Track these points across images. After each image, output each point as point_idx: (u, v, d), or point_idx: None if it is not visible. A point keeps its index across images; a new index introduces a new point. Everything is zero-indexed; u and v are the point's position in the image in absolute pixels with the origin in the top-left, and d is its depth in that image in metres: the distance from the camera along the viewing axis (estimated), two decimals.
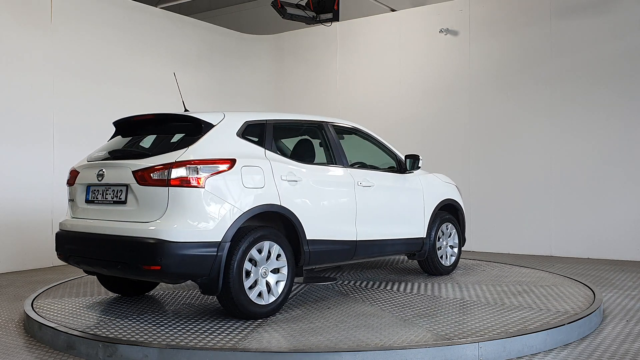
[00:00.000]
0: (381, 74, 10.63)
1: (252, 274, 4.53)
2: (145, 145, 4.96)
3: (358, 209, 5.45)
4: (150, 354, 3.81)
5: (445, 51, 9.97)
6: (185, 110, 5.23)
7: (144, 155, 4.60)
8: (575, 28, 8.80)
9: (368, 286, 5.92)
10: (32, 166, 8.04)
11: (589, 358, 3.91)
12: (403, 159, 6.15)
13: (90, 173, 4.83)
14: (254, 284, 4.54)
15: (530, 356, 3.97)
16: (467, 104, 9.74)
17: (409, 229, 6.11)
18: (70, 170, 5.17)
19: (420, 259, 6.39)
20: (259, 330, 4.26)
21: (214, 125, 4.71)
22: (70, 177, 5.10)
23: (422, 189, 6.30)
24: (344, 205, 5.35)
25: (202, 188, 4.31)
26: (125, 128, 5.25)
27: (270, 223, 4.82)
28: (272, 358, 3.68)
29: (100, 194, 4.74)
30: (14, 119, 7.90)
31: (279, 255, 4.71)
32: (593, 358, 3.90)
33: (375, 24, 10.83)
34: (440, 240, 6.52)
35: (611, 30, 8.54)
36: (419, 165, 6.17)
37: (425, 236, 6.27)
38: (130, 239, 4.35)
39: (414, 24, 10.36)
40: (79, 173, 5.01)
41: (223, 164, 4.46)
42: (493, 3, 9.57)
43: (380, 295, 5.45)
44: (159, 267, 4.19)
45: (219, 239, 4.33)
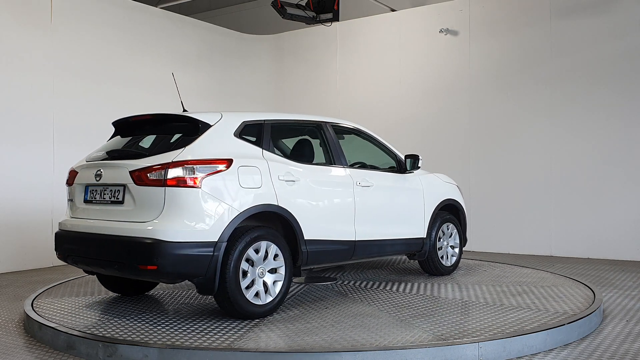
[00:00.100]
0: (381, 74, 10.63)
1: (249, 274, 4.53)
2: (143, 145, 4.97)
3: (357, 209, 5.44)
4: (150, 354, 3.81)
5: (445, 51, 9.97)
6: (184, 110, 5.23)
7: (141, 155, 4.61)
8: (575, 28, 8.80)
9: (367, 286, 5.92)
10: (32, 166, 8.04)
11: (589, 358, 3.91)
12: (403, 159, 6.13)
13: (89, 173, 4.84)
14: (251, 284, 4.54)
15: (530, 356, 3.97)
16: (467, 104, 9.73)
17: (409, 229, 6.10)
18: (69, 171, 5.18)
19: (420, 259, 6.37)
20: (255, 330, 4.25)
21: (211, 126, 4.71)
22: (69, 177, 5.12)
23: (423, 189, 6.28)
24: (342, 205, 5.34)
25: (199, 188, 4.31)
26: (124, 128, 5.26)
27: (268, 223, 4.82)
28: (273, 358, 3.68)
29: (98, 193, 4.75)
30: (14, 119, 7.90)
31: (276, 255, 4.70)
32: (593, 358, 3.90)
33: (375, 24, 10.82)
34: (441, 240, 6.50)
35: (611, 30, 8.54)
36: (419, 165, 6.16)
37: (425, 236, 6.25)
38: (127, 238, 4.36)
39: (414, 24, 10.35)
40: (77, 173, 5.03)
41: (220, 164, 4.46)
42: (493, 3, 9.57)
43: (379, 296, 5.44)
44: (156, 267, 4.20)
45: (216, 239, 4.33)
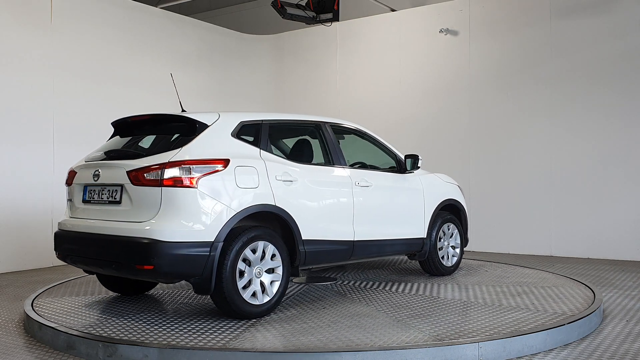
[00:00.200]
0: (381, 74, 10.63)
1: (246, 274, 4.53)
2: (142, 145, 4.98)
3: (355, 209, 5.43)
4: (150, 354, 3.81)
5: (445, 51, 9.96)
6: (183, 110, 5.23)
7: (138, 155, 4.62)
8: (575, 28, 8.80)
9: (367, 286, 5.91)
10: (32, 166, 8.04)
11: (589, 358, 3.90)
12: (403, 159, 6.12)
13: (87, 173, 4.85)
14: (248, 284, 4.54)
15: (530, 356, 3.96)
16: (467, 104, 9.73)
17: (409, 229, 6.08)
18: (68, 171, 5.18)
19: (420, 259, 6.35)
20: (252, 329, 4.26)
21: (208, 126, 4.72)
22: (69, 177, 5.13)
23: (423, 189, 6.27)
24: (340, 205, 5.33)
25: (195, 188, 4.32)
26: (123, 128, 5.26)
27: (265, 223, 4.81)
28: (273, 358, 3.68)
29: (96, 194, 4.76)
30: (14, 119, 7.90)
31: (273, 255, 4.70)
32: (593, 358, 3.90)
33: (375, 24, 10.82)
34: (442, 240, 6.48)
35: (611, 30, 8.53)
36: (419, 165, 6.15)
37: (425, 236, 6.23)
38: (124, 238, 4.37)
39: (414, 24, 10.35)
40: (76, 173, 5.04)
41: (216, 164, 4.46)
42: (493, 3, 9.57)
43: (377, 296, 5.44)
44: (152, 267, 4.21)
45: (212, 239, 4.33)
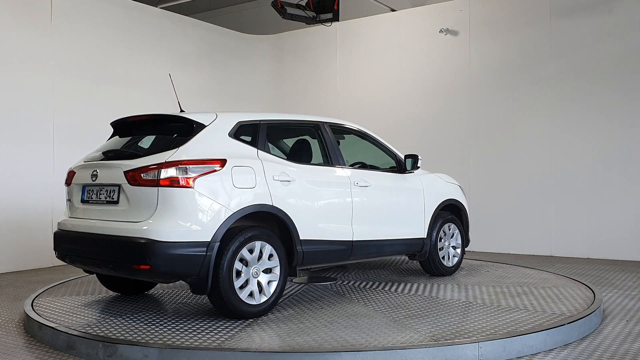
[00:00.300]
0: (381, 74, 10.63)
1: (243, 274, 4.53)
2: (141, 145, 4.98)
3: (354, 209, 5.42)
4: (150, 354, 3.81)
5: (445, 51, 9.96)
6: (181, 110, 5.23)
7: (135, 155, 4.63)
8: (575, 28, 8.80)
9: (366, 286, 5.91)
10: (32, 166, 8.04)
11: (589, 358, 3.90)
12: (403, 159, 6.11)
13: (85, 173, 4.87)
14: (245, 284, 4.54)
15: (530, 356, 3.96)
16: (467, 104, 9.73)
17: (409, 229, 6.07)
18: (68, 171, 5.20)
19: (420, 259, 6.33)
20: (248, 329, 4.26)
21: (205, 126, 4.72)
22: (68, 177, 5.14)
23: (423, 189, 6.25)
24: (339, 205, 5.33)
25: (192, 188, 4.32)
26: (122, 129, 5.27)
27: (263, 223, 4.81)
28: (272, 358, 3.68)
29: (94, 193, 4.77)
30: (14, 119, 7.90)
31: (271, 255, 4.70)
32: (593, 358, 3.90)
33: (375, 24, 10.82)
34: (442, 240, 6.46)
35: (611, 30, 8.53)
36: (419, 165, 6.14)
37: (425, 236, 6.21)
38: (122, 238, 4.38)
39: (414, 24, 10.35)
40: (75, 173, 5.05)
41: (213, 164, 4.46)
42: (493, 3, 9.57)
43: (376, 296, 5.43)
44: (149, 267, 4.21)
45: (208, 239, 4.34)
